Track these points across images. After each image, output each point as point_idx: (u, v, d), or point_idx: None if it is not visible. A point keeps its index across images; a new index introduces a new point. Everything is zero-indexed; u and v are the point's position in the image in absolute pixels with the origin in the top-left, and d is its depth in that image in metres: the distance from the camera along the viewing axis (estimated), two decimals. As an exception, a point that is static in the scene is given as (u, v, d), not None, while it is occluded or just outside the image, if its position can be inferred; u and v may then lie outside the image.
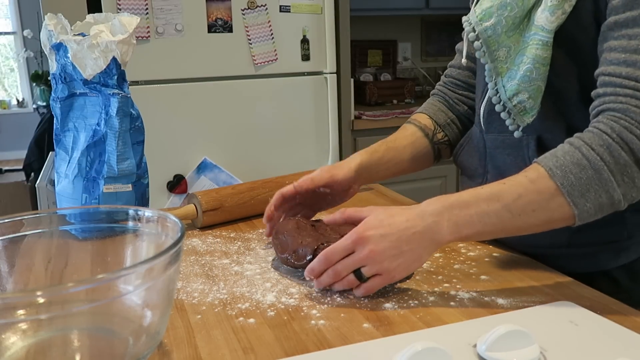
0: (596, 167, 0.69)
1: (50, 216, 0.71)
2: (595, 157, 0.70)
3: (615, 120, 0.71)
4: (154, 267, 0.54)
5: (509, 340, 0.57)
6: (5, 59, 6.15)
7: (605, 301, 0.72)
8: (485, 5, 0.83)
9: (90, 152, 0.96)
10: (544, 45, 0.78)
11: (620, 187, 0.70)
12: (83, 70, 0.94)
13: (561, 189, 0.70)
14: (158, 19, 1.99)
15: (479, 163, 0.97)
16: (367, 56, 3.28)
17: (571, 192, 0.70)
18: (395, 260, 0.71)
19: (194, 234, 1.02)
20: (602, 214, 0.72)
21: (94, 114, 0.96)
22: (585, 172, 0.70)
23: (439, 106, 1.07)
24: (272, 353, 0.62)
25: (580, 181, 0.70)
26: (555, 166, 0.71)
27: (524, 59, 0.80)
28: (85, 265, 0.72)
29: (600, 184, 0.69)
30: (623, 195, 0.70)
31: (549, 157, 0.73)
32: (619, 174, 0.69)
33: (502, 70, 0.84)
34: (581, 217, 0.71)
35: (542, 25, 0.78)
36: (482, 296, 0.74)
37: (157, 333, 0.60)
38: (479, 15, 0.83)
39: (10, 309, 0.49)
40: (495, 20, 0.82)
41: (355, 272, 0.73)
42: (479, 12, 0.84)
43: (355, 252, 0.72)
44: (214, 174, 2.15)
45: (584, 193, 0.70)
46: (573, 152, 0.71)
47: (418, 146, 1.02)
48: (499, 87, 0.85)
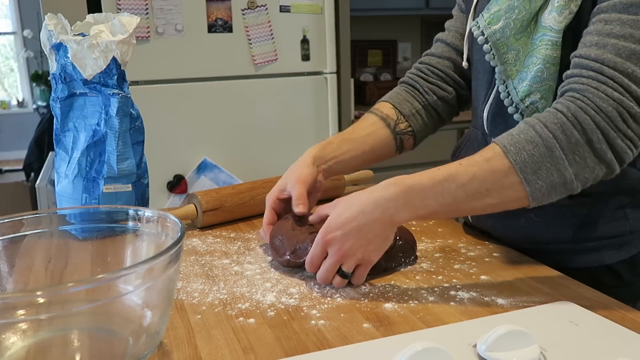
0: (548, 144, 0.70)
1: (50, 216, 0.71)
2: (548, 134, 0.70)
3: (573, 100, 0.72)
4: (154, 267, 0.54)
5: (509, 340, 0.57)
6: (5, 59, 6.16)
7: (605, 301, 0.72)
8: (494, 9, 0.84)
9: (90, 152, 0.96)
10: (553, 45, 0.79)
11: (572, 166, 0.70)
12: (83, 70, 0.94)
13: (514, 165, 0.70)
14: (158, 19, 1.99)
15: None
16: (367, 56, 3.28)
17: (524, 169, 0.70)
18: (365, 248, 0.75)
19: (194, 234, 1.02)
20: (556, 194, 0.72)
21: (94, 114, 0.96)
22: (537, 149, 0.70)
23: (404, 95, 1.04)
24: (272, 353, 0.62)
25: (532, 158, 0.70)
26: (509, 144, 0.72)
27: (534, 60, 0.81)
28: (85, 265, 0.72)
29: (552, 162, 0.70)
30: (575, 175, 0.70)
31: (505, 135, 0.74)
32: (570, 152, 0.70)
33: (512, 72, 0.84)
34: (534, 195, 0.71)
35: (550, 26, 0.79)
36: (482, 296, 0.74)
37: (157, 333, 0.60)
38: (487, 19, 0.84)
39: (10, 309, 0.49)
40: (504, 23, 0.83)
41: (338, 271, 0.76)
42: (487, 16, 0.85)
43: (328, 254, 0.76)
44: (214, 174, 2.15)
45: (536, 170, 0.70)
46: (527, 130, 0.72)
47: (379, 136, 1.00)
48: (510, 90, 0.85)
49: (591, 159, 0.70)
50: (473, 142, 1.00)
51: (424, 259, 0.87)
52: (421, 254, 0.89)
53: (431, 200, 0.73)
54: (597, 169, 0.71)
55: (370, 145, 0.99)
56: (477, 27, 0.86)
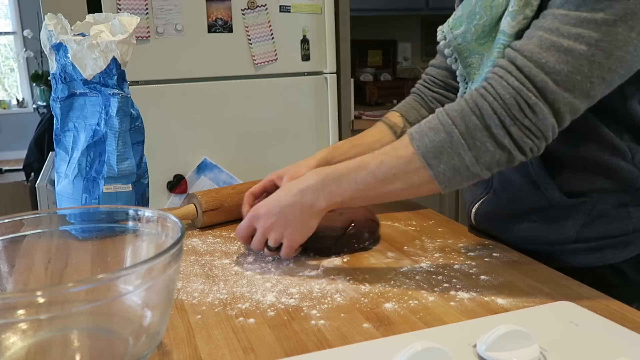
0: (447, 130, 0.73)
1: (50, 216, 0.71)
2: (448, 121, 0.73)
3: (478, 88, 0.74)
4: (154, 267, 0.54)
5: (509, 340, 0.57)
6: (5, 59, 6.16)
7: (605, 301, 0.72)
8: (457, 13, 0.87)
9: (90, 152, 0.96)
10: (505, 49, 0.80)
11: (472, 150, 0.72)
12: (83, 70, 0.94)
13: (417, 151, 0.74)
14: (158, 19, 1.99)
15: None
16: (367, 56, 3.29)
17: (425, 154, 0.73)
18: (285, 228, 0.82)
19: (194, 234, 1.02)
20: (461, 178, 0.74)
21: (94, 114, 0.96)
22: (438, 135, 0.73)
23: (412, 104, 1.08)
24: (272, 353, 0.62)
25: (433, 143, 0.73)
26: (415, 131, 0.76)
27: (489, 63, 0.83)
28: (85, 265, 0.72)
29: (452, 147, 0.73)
30: (475, 159, 0.72)
31: (415, 126, 0.77)
32: (469, 137, 0.72)
33: (475, 76, 0.87)
34: (439, 179, 0.74)
35: (504, 30, 0.80)
36: (482, 296, 0.74)
37: (157, 333, 0.60)
38: (450, 24, 0.88)
39: (10, 309, 0.49)
40: (465, 28, 0.85)
41: (266, 244, 0.85)
42: (451, 21, 0.88)
43: (255, 228, 0.85)
44: (214, 174, 2.15)
45: (437, 155, 0.73)
46: (432, 118, 0.76)
47: (385, 143, 1.01)
48: (469, 90, 0.87)
49: (490, 144, 0.72)
50: None
51: (424, 259, 0.87)
52: (421, 254, 0.89)
53: (345, 186, 0.78)
54: (497, 153, 0.72)
55: None
56: (441, 32, 0.89)
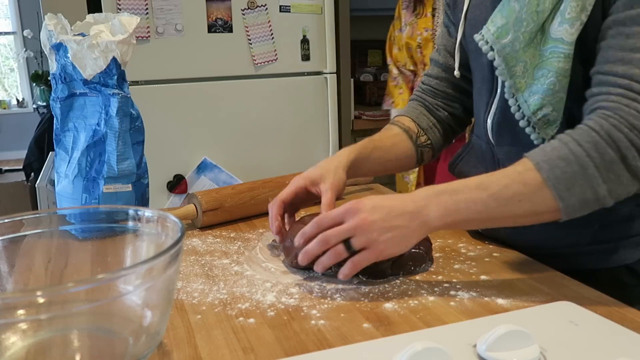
0: (582, 162, 0.70)
1: (50, 216, 0.71)
2: (582, 152, 0.70)
3: (605, 118, 0.72)
4: (154, 267, 0.54)
5: (509, 340, 0.57)
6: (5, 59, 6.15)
7: (605, 301, 0.72)
8: (500, 22, 0.82)
9: (90, 152, 0.96)
10: (565, 58, 0.78)
11: (606, 183, 0.70)
12: (83, 70, 0.94)
13: (547, 181, 0.71)
14: (158, 19, 1.99)
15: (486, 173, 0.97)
16: (367, 56, 3.28)
17: (557, 185, 0.70)
18: (384, 233, 0.72)
19: (194, 234, 1.02)
20: (588, 209, 0.72)
21: (94, 114, 0.96)
22: (571, 166, 0.70)
23: (420, 110, 1.08)
24: (272, 353, 0.62)
25: (565, 175, 0.70)
26: (542, 160, 0.72)
27: (545, 72, 0.80)
28: (85, 265, 0.72)
29: (585, 180, 0.70)
30: (608, 192, 0.70)
31: (537, 151, 0.74)
32: (604, 170, 0.70)
33: (521, 85, 0.83)
34: (567, 211, 0.71)
35: (562, 38, 0.78)
36: (482, 296, 0.74)
37: (157, 333, 0.60)
38: (495, 33, 0.82)
39: (10, 309, 0.49)
40: (513, 36, 0.81)
41: (344, 242, 0.74)
42: (494, 30, 0.82)
43: (346, 221, 0.74)
44: (214, 174, 2.15)
45: (570, 187, 0.70)
46: (561, 147, 0.72)
47: (402, 147, 1.03)
48: (520, 103, 0.83)
49: (625, 176, 0.70)
50: (476, 151, 1.00)
51: (424, 259, 0.87)
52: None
53: (462, 206, 0.73)
54: (630, 185, 0.71)
55: (395, 155, 1.03)
56: (485, 42, 0.84)
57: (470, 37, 0.92)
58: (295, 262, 0.82)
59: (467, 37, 0.95)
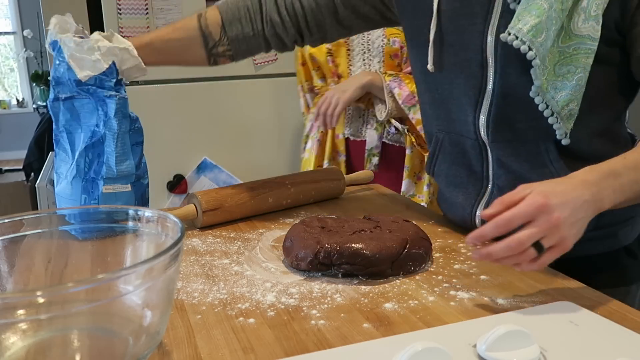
0: None
1: (50, 216, 0.71)
2: None
3: None
4: (154, 267, 0.54)
5: (509, 340, 0.57)
6: (5, 59, 6.16)
7: (605, 301, 0.72)
8: (531, 20, 0.79)
9: (88, 153, 0.96)
10: (592, 53, 0.79)
11: None
12: (79, 71, 0.94)
13: None
14: (158, 19, 1.99)
15: (470, 170, 0.96)
16: (367, 56, 3.27)
17: None
18: (571, 228, 0.68)
19: (194, 234, 1.02)
20: None
21: (91, 115, 0.96)
22: None
23: (241, 14, 1.00)
24: (272, 353, 0.62)
25: None
26: None
27: (571, 69, 0.81)
28: (85, 265, 0.72)
29: None
30: None
31: None
32: None
33: (543, 83, 0.82)
34: None
35: (589, 35, 0.79)
36: (482, 296, 0.74)
37: (157, 333, 0.60)
38: (530, 32, 0.79)
39: (10, 309, 0.49)
40: (546, 35, 0.79)
41: (534, 243, 0.67)
42: (528, 29, 0.79)
43: (537, 220, 0.66)
44: (214, 174, 2.15)
45: None
46: None
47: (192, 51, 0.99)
48: (547, 101, 0.83)
49: None
50: (452, 150, 0.97)
51: (424, 259, 0.87)
52: (421, 254, 0.89)
53: (627, 187, 0.72)
54: None
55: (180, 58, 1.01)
56: (522, 42, 0.79)
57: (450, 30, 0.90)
58: (295, 262, 0.82)
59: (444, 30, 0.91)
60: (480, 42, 0.87)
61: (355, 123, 1.59)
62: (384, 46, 1.53)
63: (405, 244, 0.81)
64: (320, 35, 1.06)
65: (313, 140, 1.64)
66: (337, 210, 1.14)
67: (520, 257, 0.67)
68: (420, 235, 0.85)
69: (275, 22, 1.02)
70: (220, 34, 0.98)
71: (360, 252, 0.78)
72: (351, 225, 0.87)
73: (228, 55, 1.01)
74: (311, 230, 0.85)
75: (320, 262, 0.79)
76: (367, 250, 0.78)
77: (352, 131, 1.59)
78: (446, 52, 0.92)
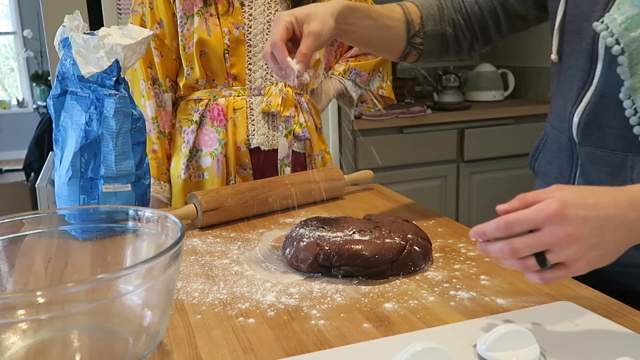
0: None
1: (50, 216, 0.71)
2: None
3: None
4: (154, 267, 0.54)
5: (509, 340, 0.57)
6: (5, 59, 6.16)
7: (605, 301, 0.72)
8: (630, 10, 0.71)
9: (84, 153, 0.95)
10: None
11: None
12: (83, 67, 0.94)
13: None
14: (158, 19, 1.99)
15: (560, 172, 0.89)
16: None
17: None
18: (591, 250, 0.58)
19: (194, 234, 1.02)
20: None
21: (81, 114, 0.96)
22: None
23: (435, 12, 0.99)
24: (272, 353, 0.62)
25: None
26: None
27: None
28: (85, 265, 0.72)
29: None
30: None
31: None
32: None
33: (637, 86, 0.73)
34: None
35: None
36: (482, 296, 0.74)
37: (157, 333, 0.60)
38: (622, 24, 0.72)
39: (10, 309, 0.49)
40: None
41: (537, 255, 0.59)
42: (622, 20, 0.72)
43: (543, 229, 0.58)
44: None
45: None
46: None
47: (394, 35, 0.95)
48: (637, 106, 0.74)
49: None
50: (552, 146, 0.92)
51: (424, 259, 0.87)
52: (421, 254, 0.89)
53: None
54: None
55: (384, 37, 0.95)
56: (610, 33, 0.73)
57: (573, 16, 0.83)
58: (295, 263, 0.82)
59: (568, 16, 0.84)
60: (594, 31, 0.78)
61: (262, 130, 1.32)
62: None
63: (405, 244, 0.81)
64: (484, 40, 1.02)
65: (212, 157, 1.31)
66: (337, 210, 1.14)
67: (519, 265, 0.61)
68: (420, 236, 0.85)
69: (456, 24, 1.00)
70: (419, 26, 0.97)
71: (359, 254, 0.78)
72: (351, 225, 0.87)
73: (420, 50, 0.98)
74: (311, 232, 0.85)
75: (320, 265, 0.79)
76: (366, 252, 0.78)
77: (261, 140, 1.32)
78: (566, 41, 0.85)
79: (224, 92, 1.31)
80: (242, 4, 1.29)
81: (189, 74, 1.30)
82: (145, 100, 1.31)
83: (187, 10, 1.28)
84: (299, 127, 1.36)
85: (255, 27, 1.29)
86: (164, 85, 1.32)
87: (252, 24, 1.30)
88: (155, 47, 1.30)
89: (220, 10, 1.28)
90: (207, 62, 1.29)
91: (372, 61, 1.47)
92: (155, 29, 1.29)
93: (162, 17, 1.29)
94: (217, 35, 1.27)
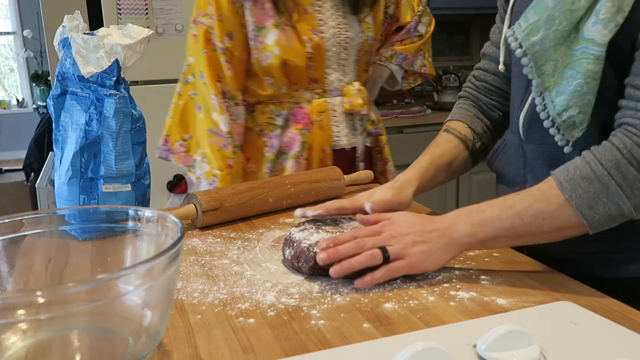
0: (603, 181, 0.72)
1: (50, 216, 0.71)
2: (603, 171, 0.72)
3: (629, 135, 0.73)
4: (154, 267, 0.54)
5: (509, 340, 0.57)
6: (5, 59, 6.16)
7: (605, 301, 0.72)
8: (532, 19, 0.80)
9: (84, 153, 0.95)
10: (596, 60, 0.75)
11: (630, 199, 0.72)
12: (83, 67, 0.94)
13: (570, 201, 0.73)
14: (158, 19, 1.99)
15: (516, 171, 0.95)
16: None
17: (579, 204, 0.73)
18: (417, 245, 0.78)
19: (194, 234, 1.02)
20: (615, 223, 0.74)
21: (81, 114, 0.96)
22: (592, 185, 0.72)
23: (474, 112, 1.06)
24: (272, 353, 0.62)
25: (587, 194, 0.73)
26: (565, 180, 0.74)
27: (574, 73, 0.78)
28: (85, 265, 0.72)
29: (608, 197, 0.72)
30: (634, 207, 0.72)
31: (561, 169, 0.76)
32: (628, 187, 0.72)
33: (550, 84, 0.81)
34: (592, 226, 0.73)
35: (593, 39, 0.75)
36: (482, 296, 0.74)
37: (157, 333, 0.60)
38: (525, 30, 0.80)
39: (10, 309, 0.49)
40: (543, 34, 0.79)
41: (380, 247, 0.77)
42: (525, 27, 0.80)
43: (382, 233, 0.79)
44: (214, 174, 2.15)
45: (592, 205, 0.73)
46: (583, 166, 0.74)
47: (460, 159, 1.03)
48: (547, 102, 0.81)
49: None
50: (510, 147, 0.98)
51: (424, 259, 0.87)
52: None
53: (488, 223, 0.77)
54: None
55: (454, 170, 1.04)
56: (515, 39, 0.82)
57: None
58: (296, 265, 0.82)
59: None
60: None
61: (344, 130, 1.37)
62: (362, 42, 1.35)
63: None
64: None
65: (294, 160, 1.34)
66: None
67: (367, 256, 0.76)
68: None
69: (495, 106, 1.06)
70: (472, 135, 1.04)
71: None
72: (351, 226, 0.87)
73: (482, 149, 1.06)
74: (311, 234, 0.85)
75: (321, 267, 0.79)
76: None
77: (345, 141, 1.37)
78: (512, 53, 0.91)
79: (305, 95, 1.33)
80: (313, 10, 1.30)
81: (272, 84, 1.30)
82: (219, 115, 1.28)
83: (260, 22, 1.26)
84: (371, 124, 1.43)
85: (327, 31, 1.30)
86: (237, 99, 1.31)
87: (324, 29, 1.30)
88: (227, 60, 1.27)
89: (296, 18, 1.27)
90: (289, 71, 1.29)
91: (417, 43, 1.50)
92: (225, 42, 1.26)
93: (231, 29, 1.26)
94: (298, 45, 1.27)
